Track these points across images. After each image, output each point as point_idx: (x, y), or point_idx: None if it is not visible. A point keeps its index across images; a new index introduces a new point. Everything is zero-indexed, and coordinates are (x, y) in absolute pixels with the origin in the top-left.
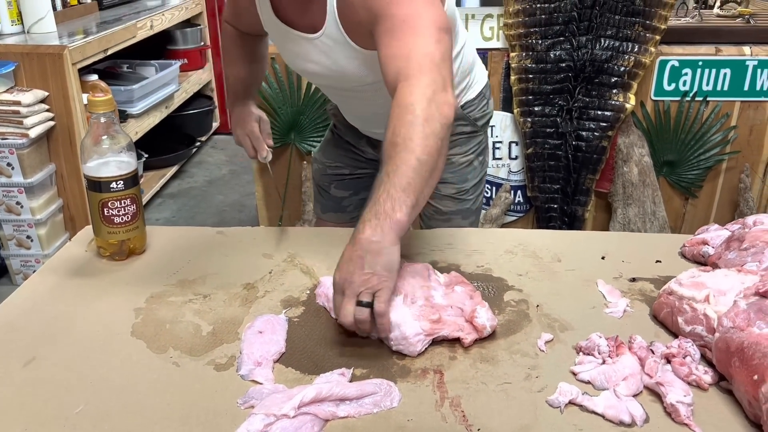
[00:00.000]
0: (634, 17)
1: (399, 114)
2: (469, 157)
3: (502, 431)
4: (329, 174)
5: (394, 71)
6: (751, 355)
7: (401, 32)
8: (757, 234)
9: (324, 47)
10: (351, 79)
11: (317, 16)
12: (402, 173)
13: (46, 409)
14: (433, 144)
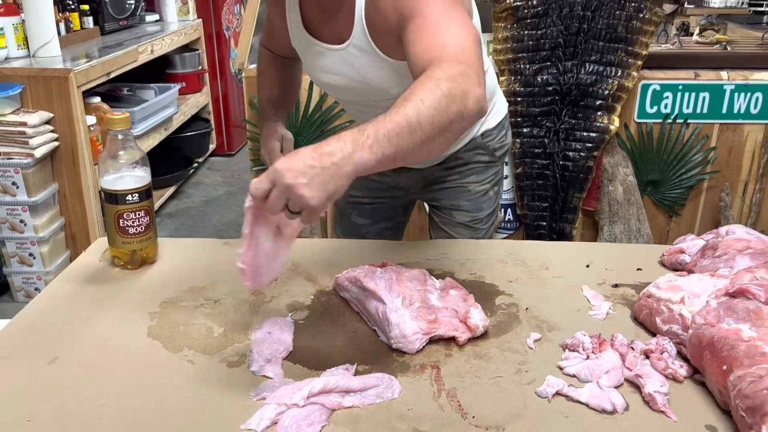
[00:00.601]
0: (617, 43)
1: (422, 80)
2: (485, 186)
3: (495, 419)
4: (351, 202)
5: (426, 61)
6: (720, 348)
7: (436, 29)
8: (729, 243)
9: (350, 58)
10: (375, 91)
11: (344, 26)
12: (398, 123)
13: (71, 401)
14: (441, 120)
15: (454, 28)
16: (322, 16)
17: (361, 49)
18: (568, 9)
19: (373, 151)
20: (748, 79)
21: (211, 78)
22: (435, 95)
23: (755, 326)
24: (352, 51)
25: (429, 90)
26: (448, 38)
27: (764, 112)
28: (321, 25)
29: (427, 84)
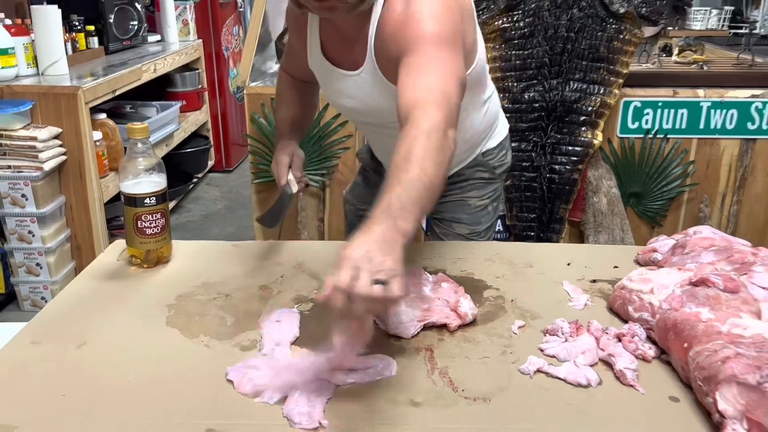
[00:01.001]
0: (600, 63)
1: (416, 135)
2: (484, 201)
3: (482, 392)
4: (360, 215)
5: (414, 97)
6: (682, 329)
7: (427, 68)
8: (696, 241)
9: (363, 83)
10: (385, 115)
11: (359, 54)
12: (414, 188)
13: (101, 379)
14: (441, 172)
15: (440, 70)
16: (340, 43)
17: (371, 75)
18: (553, 31)
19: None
20: (724, 97)
21: (211, 96)
22: (431, 153)
23: (713, 309)
24: (364, 77)
25: (425, 148)
26: (431, 81)
27: (739, 127)
28: (339, 51)
29: (423, 141)
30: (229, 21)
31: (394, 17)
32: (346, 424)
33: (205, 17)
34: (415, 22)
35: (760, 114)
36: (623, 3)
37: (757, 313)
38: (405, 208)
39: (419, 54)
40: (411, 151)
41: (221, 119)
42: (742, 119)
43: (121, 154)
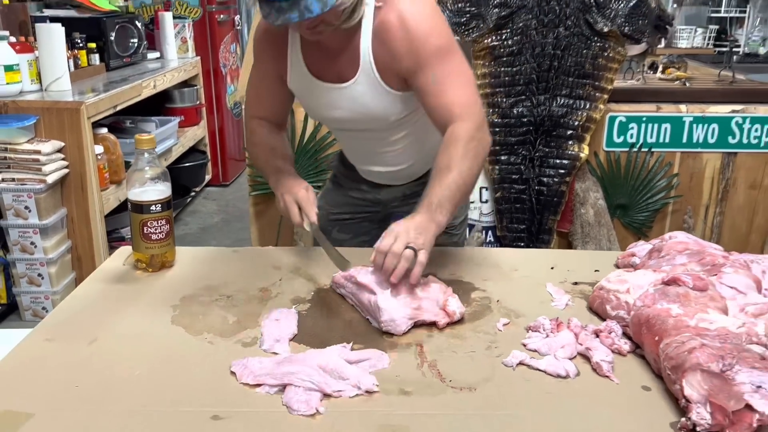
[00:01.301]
0: (585, 79)
1: (453, 145)
2: None
3: (468, 382)
4: (332, 219)
5: (446, 115)
6: (654, 323)
7: (449, 84)
8: (672, 245)
9: (354, 93)
10: (376, 120)
11: (348, 66)
12: (449, 188)
13: (111, 372)
14: (474, 172)
15: (462, 81)
16: (325, 58)
17: (367, 84)
18: (540, 48)
19: (443, 214)
20: (705, 112)
21: (208, 112)
22: (467, 159)
23: (683, 306)
24: (356, 87)
25: (459, 155)
26: (461, 92)
27: (721, 141)
28: (324, 65)
29: (458, 149)
30: (227, 39)
31: (394, 32)
32: (341, 411)
33: (204, 35)
34: (420, 40)
35: (740, 128)
36: (607, 22)
37: (723, 310)
38: (442, 204)
39: (439, 70)
40: (451, 158)
41: (218, 134)
42: (723, 133)
43: (122, 168)
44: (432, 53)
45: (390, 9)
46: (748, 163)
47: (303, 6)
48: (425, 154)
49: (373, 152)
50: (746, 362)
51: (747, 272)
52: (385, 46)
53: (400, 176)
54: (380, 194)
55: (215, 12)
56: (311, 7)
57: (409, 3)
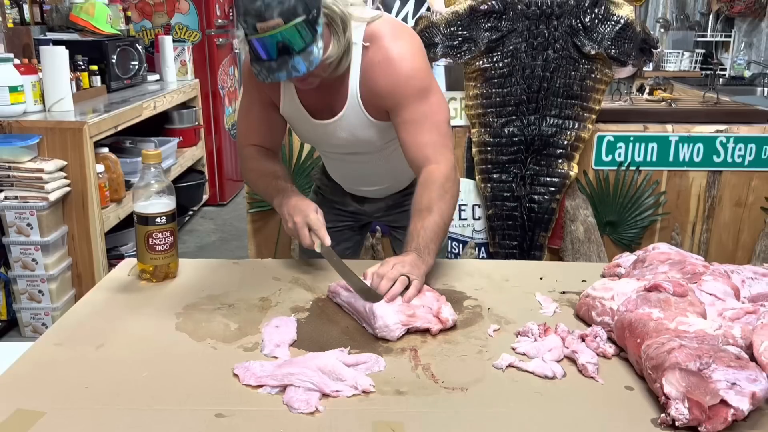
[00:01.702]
0: (574, 100)
1: (431, 187)
2: None
3: (460, 382)
4: None
5: (421, 156)
6: (636, 327)
7: (424, 124)
8: (655, 255)
9: (344, 125)
10: (362, 145)
11: (337, 100)
12: (433, 229)
13: (119, 374)
14: (452, 212)
15: (437, 122)
16: (316, 94)
17: (353, 116)
18: (530, 70)
19: (431, 256)
20: (690, 132)
21: (207, 133)
22: (445, 200)
23: (663, 310)
24: (344, 120)
25: (438, 196)
26: (430, 136)
27: (706, 160)
28: (314, 99)
29: (436, 191)
30: (225, 61)
31: (377, 70)
32: (339, 410)
33: (203, 58)
34: (401, 80)
35: (725, 148)
36: (594, 45)
37: (702, 314)
38: (428, 246)
39: (415, 109)
40: (431, 200)
41: (216, 155)
42: (708, 152)
43: (122, 186)
44: (412, 93)
45: (377, 49)
46: (732, 181)
47: (290, 66)
48: (409, 173)
49: (360, 173)
50: (722, 361)
51: (726, 280)
52: (371, 83)
53: (384, 192)
54: (364, 206)
55: (214, 36)
56: (298, 66)
57: (394, 44)
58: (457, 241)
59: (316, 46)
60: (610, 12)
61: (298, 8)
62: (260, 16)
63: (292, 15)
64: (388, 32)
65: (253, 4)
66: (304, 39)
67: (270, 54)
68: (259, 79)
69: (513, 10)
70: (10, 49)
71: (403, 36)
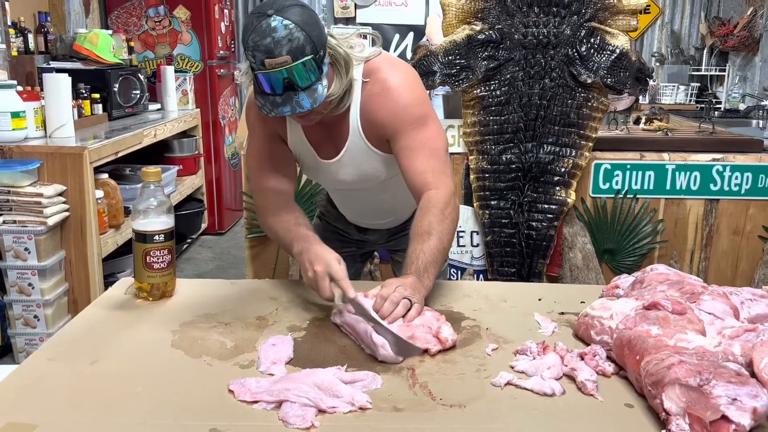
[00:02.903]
0: (570, 128)
1: (431, 211)
2: None
3: (458, 400)
4: None
5: (420, 182)
6: (635, 344)
7: (422, 153)
8: (653, 276)
9: (349, 160)
10: (368, 180)
11: (340, 137)
12: (432, 253)
13: (113, 390)
14: (451, 237)
15: (436, 149)
16: (320, 131)
17: (357, 150)
18: (527, 98)
19: (429, 280)
20: (687, 160)
21: (207, 162)
22: (442, 223)
23: (662, 327)
24: (348, 154)
25: (438, 220)
26: (434, 162)
27: (703, 188)
28: (319, 137)
29: (436, 215)
30: (226, 92)
31: (376, 102)
32: (335, 426)
33: (204, 88)
34: (400, 109)
35: (721, 176)
36: (590, 74)
37: (701, 332)
38: (428, 269)
39: (413, 138)
40: (431, 224)
41: (216, 184)
42: (705, 181)
43: (121, 212)
44: (410, 121)
45: (375, 83)
46: (730, 209)
47: (295, 102)
48: (412, 204)
49: (365, 207)
50: (722, 377)
51: (725, 300)
52: (371, 115)
53: (388, 225)
54: (366, 234)
55: (216, 66)
56: (302, 103)
57: (391, 74)
58: (456, 267)
59: (321, 84)
60: (605, 41)
61: (306, 48)
62: (270, 52)
63: (301, 53)
64: (385, 65)
65: (263, 40)
66: (310, 77)
67: (275, 89)
68: (262, 112)
69: (510, 40)
70: (14, 77)
71: (400, 67)
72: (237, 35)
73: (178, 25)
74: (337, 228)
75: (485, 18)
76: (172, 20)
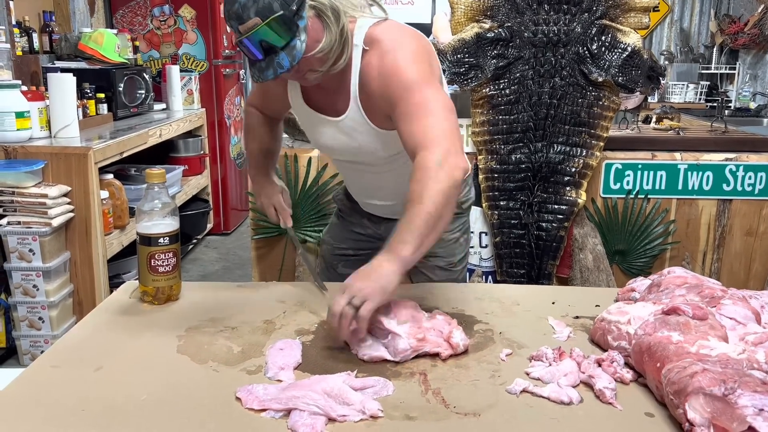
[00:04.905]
0: (581, 127)
1: (416, 175)
2: (455, 235)
3: (472, 408)
4: (337, 254)
5: (413, 144)
6: (656, 351)
7: (416, 115)
8: (671, 279)
9: (346, 128)
10: (366, 154)
11: (341, 102)
12: (414, 222)
13: (117, 397)
14: (440, 200)
15: (431, 109)
16: (322, 94)
17: (355, 120)
18: (537, 97)
19: (407, 248)
20: (699, 160)
21: (212, 162)
22: (429, 186)
23: (683, 333)
24: (347, 122)
25: (423, 183)
26: (428, 122)
27: (715, 188)
28: (320, 99)
29: (421, 178)
30: (232, 91)
31: (373, 73)
32: None
33: (209, 87)
34: (395, 75)
35: (734, 176)
36: (601, 72)
37: (723, 338)
38: (405, 240)
39: (407, 102)
40: (416, 190)
41: (221, 184)
42: (717, 181)
43: (126, 213)
44: (401, 87)
45: (374, 52)
46: (743, 210)
47: (275, 63)
48: None
49: (369, 184)
50: (748, 386)
51: (746, 304)
52: (368, 86)
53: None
54: (381, 229)
55: (221, 66)
56: (282, 62)
57: (390, 46)
58: None
59: (299, 39)
60: (616, 39)
61: (274, 4)
62: (239, 18)
63: (269, 11)
64: (387, 33)
65: (232, 6)
66: (284, 34)
67: (256, 54)
68: (254, 81)
69: (520, 38)
70: (18, 77)
71: (404, 35)
72: None
73: (184, 24)
74: (352, 224)
75: (494, 16)
76: (177, 19)
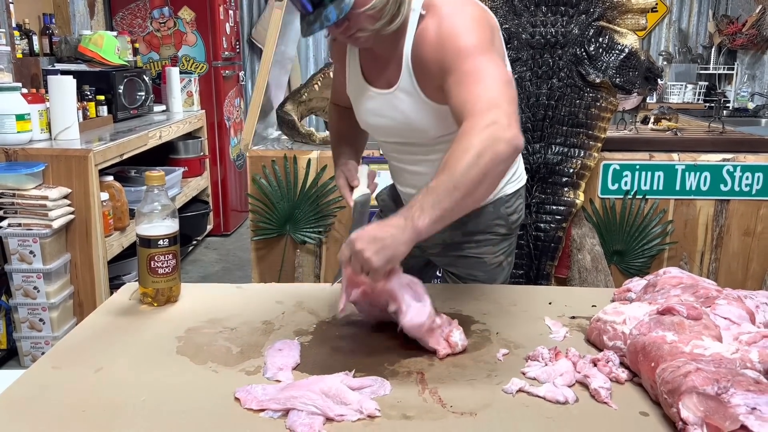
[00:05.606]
0: (579, 128)
1: (455, 142)
2: (499, 258)
3: (469, 407)
4: None
5: (461, 112)
6: (650, 350)
7: (468, 83)
8: (666, 280)
9: (396, 101)
10: (416, 133)
11: (393, 72)
12: (438, 191)
13: (117, 398)
14: (474, 174)
15: (485, 78)
16: (375, 64)
17: (406, 92)
18: (535, 99)
19: (423, 218)
20: (697, 160)
21: (212, 163)
22: (464, 156)
23: (677, 333)
24: (398, 94)
25: (459, 152)
26: (480, 90)
27: (713, 188)
28: (375, 70)
29: (458, 145)
30: (232, 93)
31: (429, 38)
32: None
33: (209, 89)
34: (451, 41)
35: (732, 176)
36: (599, 74)
37: (717, 338)
38: (424, 208)
39: (460, 70)
40: (449, 155)
41: (221, 185)
42: (715, 181)
43: (126, 215)
44: (454, 54)
45: (431, 17)
46: (741, 210)
47: (323, 16)
48: None
49: (414, 171)
50: (741, 385)
51: (740, 304)
52: (421, 53)
53: None
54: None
55: (221, 68)
56: (329, 15)
57: (448, 10)
58: None
59: None
60: (614, 41)
61: None
62: None
63: None
64: (447, 1)
65: None
66: None
67: (306, 7)
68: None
69: (517, 39)
70: (19, 79)
71: (465, 5)
72: (242, 36)
73: (183, 26)
74: None
75: None
76: (176, 21)
